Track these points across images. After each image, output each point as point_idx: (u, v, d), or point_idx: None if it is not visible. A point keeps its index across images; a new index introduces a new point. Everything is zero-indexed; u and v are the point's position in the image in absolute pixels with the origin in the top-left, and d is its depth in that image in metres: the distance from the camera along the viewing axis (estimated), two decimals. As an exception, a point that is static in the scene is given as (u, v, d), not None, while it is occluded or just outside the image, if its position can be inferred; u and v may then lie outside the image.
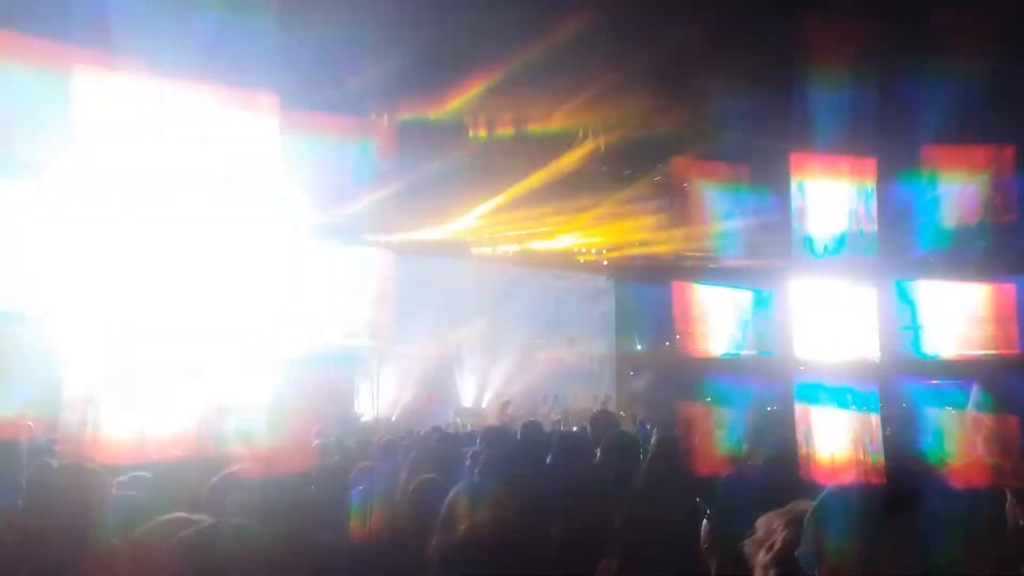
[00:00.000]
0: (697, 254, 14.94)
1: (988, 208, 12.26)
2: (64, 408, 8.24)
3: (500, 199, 13.02)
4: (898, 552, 2.96)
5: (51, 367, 8.47)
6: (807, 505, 2.03)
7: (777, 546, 1.99)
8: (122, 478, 3.75)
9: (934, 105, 10.02)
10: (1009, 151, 12.11)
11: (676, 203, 13.99)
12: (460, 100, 10.93)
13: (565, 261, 15.38)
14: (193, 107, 9.82)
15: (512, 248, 14.67)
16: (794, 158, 13.03)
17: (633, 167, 13.16)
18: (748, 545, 2.06)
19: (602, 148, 12.59)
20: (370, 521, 3.67)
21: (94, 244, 9.14)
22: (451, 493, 3.49)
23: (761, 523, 2.08)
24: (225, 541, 2.00)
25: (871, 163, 13.40)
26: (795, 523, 2.01)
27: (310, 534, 3.09)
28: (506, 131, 11.90)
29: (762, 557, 2.01)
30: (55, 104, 8.75)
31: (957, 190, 12.80)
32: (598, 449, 4.90)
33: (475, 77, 10.31)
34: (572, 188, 13.09)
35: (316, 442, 4.90)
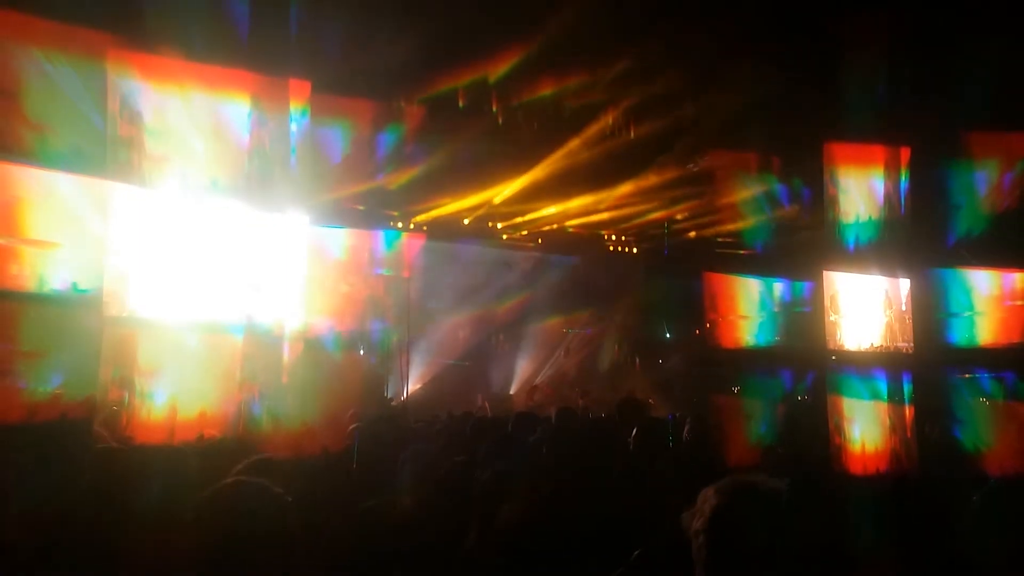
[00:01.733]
0: (728, 243, 14.85)
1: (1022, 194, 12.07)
2: (101, 389, 8.38)
3: (523, 179, 12.97)
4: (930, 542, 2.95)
5: (87, 348, 8.61)
6: (743, 477, 2.11)
7: (707, 513, 2.05)
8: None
9: (969, 91, 9.86)
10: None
11: (708, 191, 13.91)
12: (483, 76, 10.91)
13: (593, 247, 15.34)
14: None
15: (536, 231, 14.63)
16: (827, 147, 12.89)
17: (664, 153, 13.07)
18: (685, 517, 2.14)
19: (631, 131, 12.52)
20: (405, 503, 3.70)
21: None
22: (486, 478, 3.52)
23: (700, 496, 2.16)
24: (250, 501, 2.03)
25: (905, 151, 13.22)
26: (724, 493, 2.07)
27: (346, 510, 3.12)
28: (531, 108, 11.84)
29: (695, 525, 2.09)
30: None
31: (992, 177, 12.61)
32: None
33: (500, 52, 10.29)
34: (598, 171, 13.07)
35: (353, 426, 4.93)
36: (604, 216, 14.45)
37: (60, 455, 3.61)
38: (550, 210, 13.68)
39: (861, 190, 13.24)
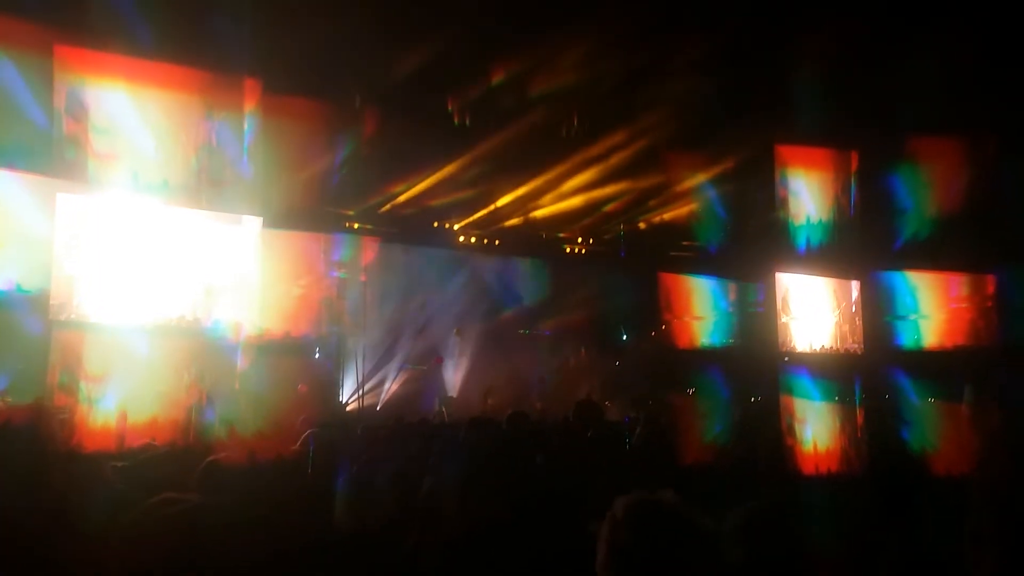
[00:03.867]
0: (682, 244, 14.99)
1: (968, 199, 12.35)
2: (47, 395, 8.19)
3: (475, 175, 12.96)
4: (884, 544, 3.01)
5: (33, 351, 8.41)
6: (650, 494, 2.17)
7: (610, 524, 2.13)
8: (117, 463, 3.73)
9: (915, 96, 10.07)
10: (990, 141, 12.20)
11: (662, 192, 14.04)
12: (438, 74, 10.86)
13: (549, 248, 15.38)
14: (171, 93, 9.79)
15: (493, 232, 14.63)
16: (778, 150, 13.10)
17: (617, 152, 13.14)
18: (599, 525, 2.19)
19: (584, 130, 12.59)
20: (355, 511, 3.66)
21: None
22: (427, 485, 3.50)
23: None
24: (209, 520, 1.99)
25: (854, 156, 13.49)
26: (629, 506, 2.15)
27: (297, 521, 3.08)
28: (484, 105, 11.82)
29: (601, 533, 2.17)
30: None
31: (938, 181, 12.90)
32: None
33: (453, 49, 10.25)
34: (551, 169, 13.14)
35: (307, 432, 4.86)
36: (557, 214, 14.53)
37: (3, 463, 3.49)
38: (502, 202, 13.71)
39: (811, 193, 13.48)
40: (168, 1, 8.93)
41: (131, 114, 9.51)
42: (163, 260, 9.66)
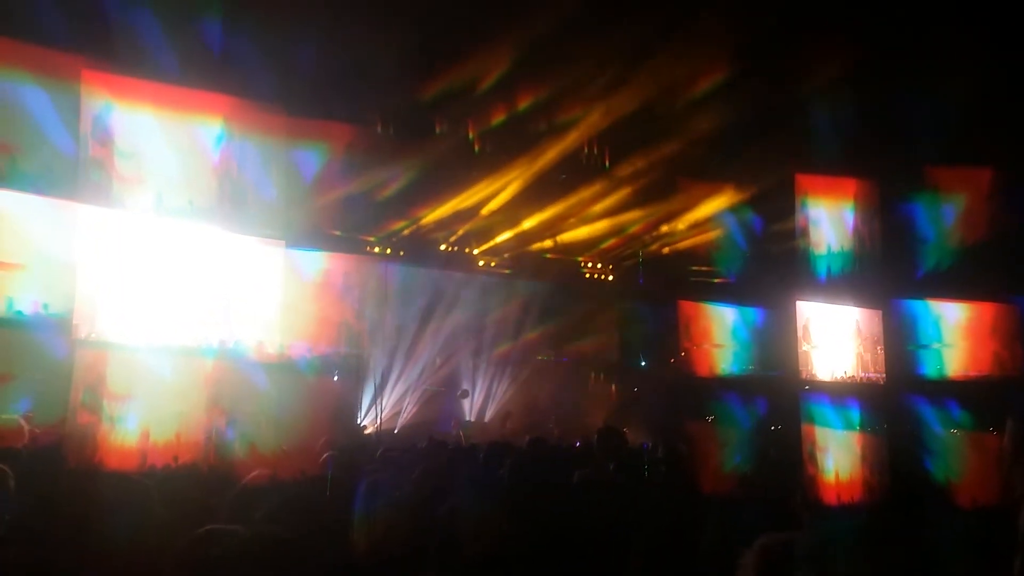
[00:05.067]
0: (702, 271, 14.94)
1: (990, 227, 12.28)
2: (70, 414, 8.25)
3: (497, 200, 13.04)
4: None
5: (58, 371, 8.48)
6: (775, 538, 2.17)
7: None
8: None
9: (937, 127, 10.07)
10: (1013, 170, 12.14)
11: (683, 220, 14.03)
12: (459, 100, 10.96)
13: (568, 274, 15.38)
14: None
15: (512, 256, 14.68)
16: (799, 179, 13.08)
17: (638, 181, 13.18)
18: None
19: (606, 160, 12.66)
20: (373, 534, 3.65)
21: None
22: (446, 509, 3.49)
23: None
24: (260, 553, 1.98)
25: (875, 184, 13.45)
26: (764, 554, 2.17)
27: (326, 545, 3.07)
28: (506, 132, 11.91)
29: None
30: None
31: (961, 211, 12.84)
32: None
33: (476, 75, 10.34)
34: (572, 197, 13.20)
35: (326, 455, 4.87)
36: (578, 241, 14.55)
37: (30, 481, 3.51)
38: (523, 227, 13.76)
39: (832, 222, 13.44)
40: (192, 27, 9.08)
41: (155, 138, 9.65)
42: (185, 281, 9.75)
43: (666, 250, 14.82)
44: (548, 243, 14.61)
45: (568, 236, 14.58)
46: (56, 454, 6.08)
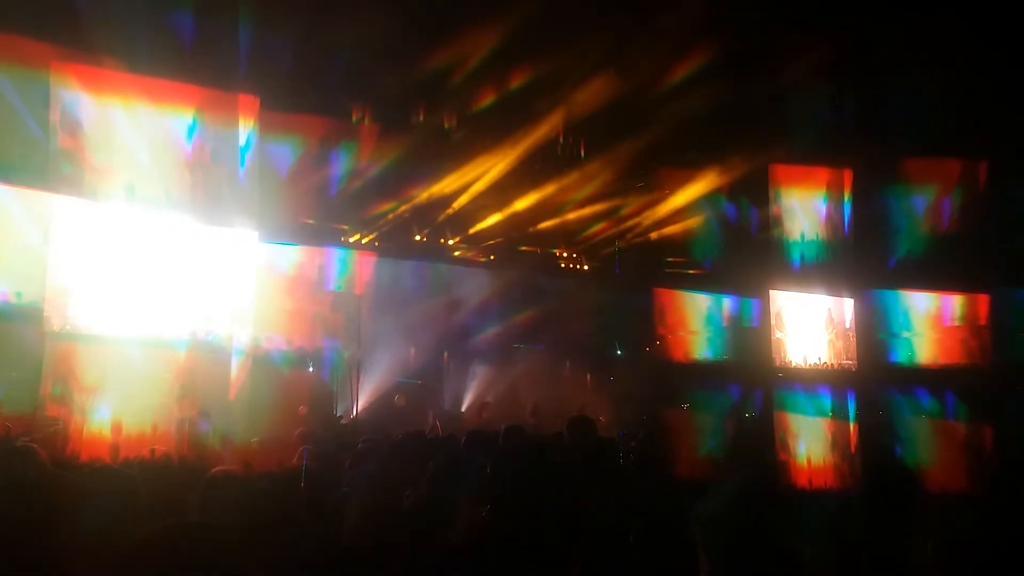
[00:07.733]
0: (677, 260, 15.04)
1: (963, 218, 12.44)
2: (41, 406, 8.17)
3: (472, 191, 13.00)
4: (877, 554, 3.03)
5: (28, 363, 8.40)
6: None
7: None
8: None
9: (910, 117, 10.16)
10: (984, 163, 12.31)
11: (657, 209, 14.09)
12: (435, 90, 10.91)
13: (544, 263, 15.41)
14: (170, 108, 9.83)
15: (487, 247, 14.67)
16: (772, 168, 13.17)
17: (614, 168, 13.20)
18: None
19: (581, 148, 12.66)
20: (348, 524, 3.66)
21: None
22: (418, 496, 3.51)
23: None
24: (211, 540, 1.97)
25: (847, 174, 13.57)
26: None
27: (296, 535, 3.08)
28: (480, 121, 11.87)
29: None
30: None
31: (933, 201, 12.99)
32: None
33: (450, 65, 10.30)
34: (547, 185, 13.21)
35: (302, 448, 4.87)
36: (553, 229, 14.56)
37: (5, 474, 3.47)
38: (495, 218, 13.73)
39: (806, 210, 13.55)
40: (164, 17, 8.97)
41: (127, 129, 9.53)
42: (158, 272, 9.66)
43: (638, 241, 14.90)
44: (524, 232, 14.63)
45: (544, 225, 14.61)
46: (28, 446, 6.01)
